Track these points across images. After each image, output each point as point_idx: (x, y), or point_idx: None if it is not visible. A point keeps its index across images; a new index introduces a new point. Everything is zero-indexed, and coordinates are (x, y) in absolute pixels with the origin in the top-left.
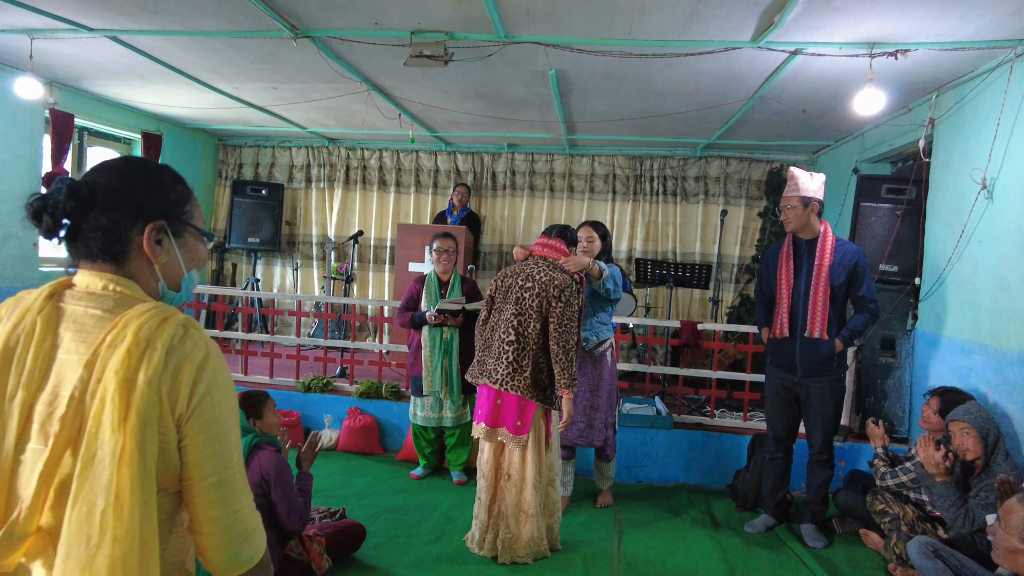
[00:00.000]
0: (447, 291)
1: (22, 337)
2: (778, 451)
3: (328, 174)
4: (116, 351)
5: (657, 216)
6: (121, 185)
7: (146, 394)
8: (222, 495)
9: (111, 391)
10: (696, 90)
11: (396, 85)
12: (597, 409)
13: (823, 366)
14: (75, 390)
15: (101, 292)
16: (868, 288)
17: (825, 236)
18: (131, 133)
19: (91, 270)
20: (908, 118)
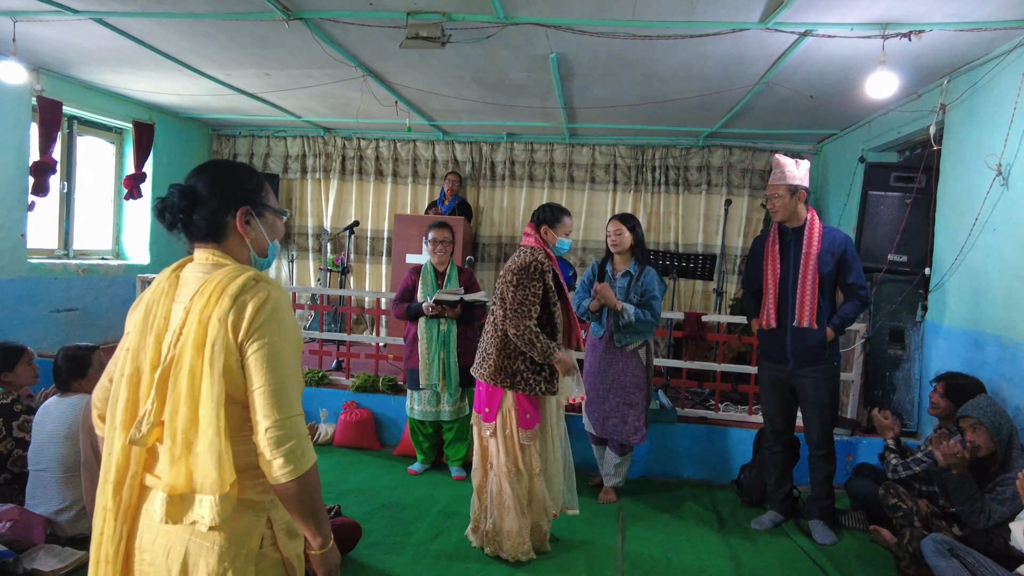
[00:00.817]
0: (443, 282)
1: (156, 297)
2: (777, 444)
3: (324, 164)
4: (202, 299)
5: (659, 206)
6: (214, 184)
7: (215, 327)
8: (273, 402)
9: (192, 325)
10: (701, 75)
11: (392, 70)
12: (631, 406)
13: (815, 356)
14: (177, 327)
15: (204, 262)
16: (857, 275)
17: (812, 224)
18: (122, 122)
19: (200, 248)
20: (917, 104)
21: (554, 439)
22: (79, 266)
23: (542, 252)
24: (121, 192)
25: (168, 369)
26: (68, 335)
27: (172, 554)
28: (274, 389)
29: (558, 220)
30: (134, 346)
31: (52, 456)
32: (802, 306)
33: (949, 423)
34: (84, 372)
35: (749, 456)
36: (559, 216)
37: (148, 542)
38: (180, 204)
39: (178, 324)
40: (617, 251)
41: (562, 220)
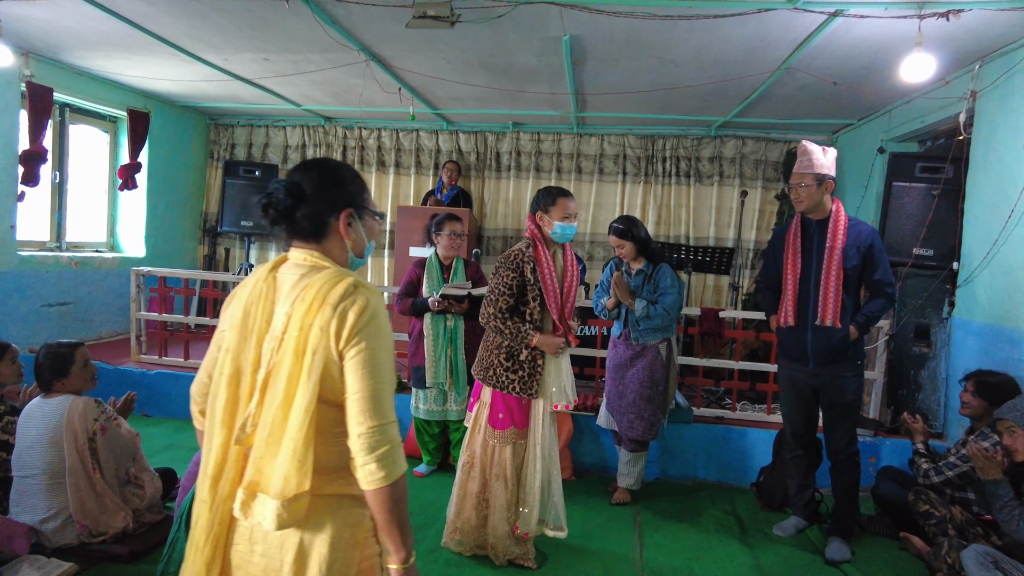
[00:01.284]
0: (450, 275)
1: (254, 299)
2: (798, 447)
3: (324, 155)
4: (303, 305)
5: (669, 198)
6: (321, 184)
7: (317, 335)
8: (368, 409)
9: (293, 332)
10: (719, 60)
11: (396, 55)
12: (649, 401)
13: (837, 355)
14: (279, 332)
15: (301, 263)
16: (884, 271)
17: (837, 216)
18: (116, 110)
19: (299, 248)
20: (945, 91)
21: (536, 450)
22: (72, 259)
23: (530, 242)
24: (116, 182)
25: (269, 374)
26: (60, 330)
27: (286, 544)
28: (370, 396)
29: (552, 203)
30: (234, 347)
31: (36, 462)
32: (825, 303)
33: (983, 424)
34: (66, 371)
35: (768, 458)
36: (553, 198)
37: (260, 535)
38: (286, 201)
39: (280, 329)
40: (628, 259)
41: (557, 202)
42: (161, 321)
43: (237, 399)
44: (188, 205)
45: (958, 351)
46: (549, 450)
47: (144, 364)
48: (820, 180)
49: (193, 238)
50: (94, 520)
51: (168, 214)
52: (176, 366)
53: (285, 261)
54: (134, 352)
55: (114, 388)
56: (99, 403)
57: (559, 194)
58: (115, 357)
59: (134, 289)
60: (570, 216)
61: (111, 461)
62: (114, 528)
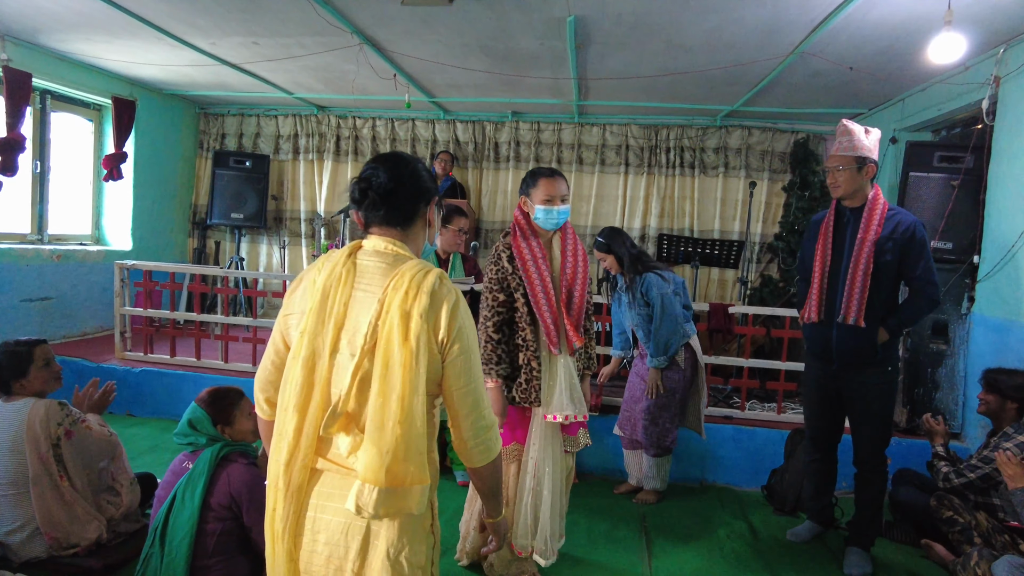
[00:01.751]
0: (447, 271)
1: (333, 282)
2: (816, 452)
3: (317, 144)
4: (398, 292)
5: (673, 190)
6: (414, 173)
7: (419, 323)
8: (474, 400)
9: (396, 320)
10: (730, 44)
11: (391, 38)
12: (663, 408)
13: (864, 358)
14: (372, 318)
15: (384, 251)
16: (926, 268)
17: (874, 204)
18: (100, 98)
19: (379, 235)
20: (965, 77)
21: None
22: (53, 252)
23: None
24: (101, 173)
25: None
26: (42, 326)
27: (351, 531)
28: (475, 388)
29: (534, 184)
30: (311, 330)
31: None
32: (849, 300)
33: (1005, 424)
34: (25, 371)
35: (780, 459)
36: (535, 179)
37: (323, 523)
38: (388, 185)
39: (373, 316)
40: (613, 272)
41: (538, 183)
42: (147, 317)
43: (312, 383)
44: (177, 197)
45: (977, 348)
46: (541, 465)
47: (129, 361)
48: (861, 164)
49: (182, 231)
50: (64, 531)
51: (156, 206)
52: (162, 363)
53: (360, 249)
54: (118, 349)
55: None
56: (63, 405)
57: (541, 174)
58: (99, 354)
59: (118, 283)
60: (554, 199)
61: (81, 467)
62: (86, 539)
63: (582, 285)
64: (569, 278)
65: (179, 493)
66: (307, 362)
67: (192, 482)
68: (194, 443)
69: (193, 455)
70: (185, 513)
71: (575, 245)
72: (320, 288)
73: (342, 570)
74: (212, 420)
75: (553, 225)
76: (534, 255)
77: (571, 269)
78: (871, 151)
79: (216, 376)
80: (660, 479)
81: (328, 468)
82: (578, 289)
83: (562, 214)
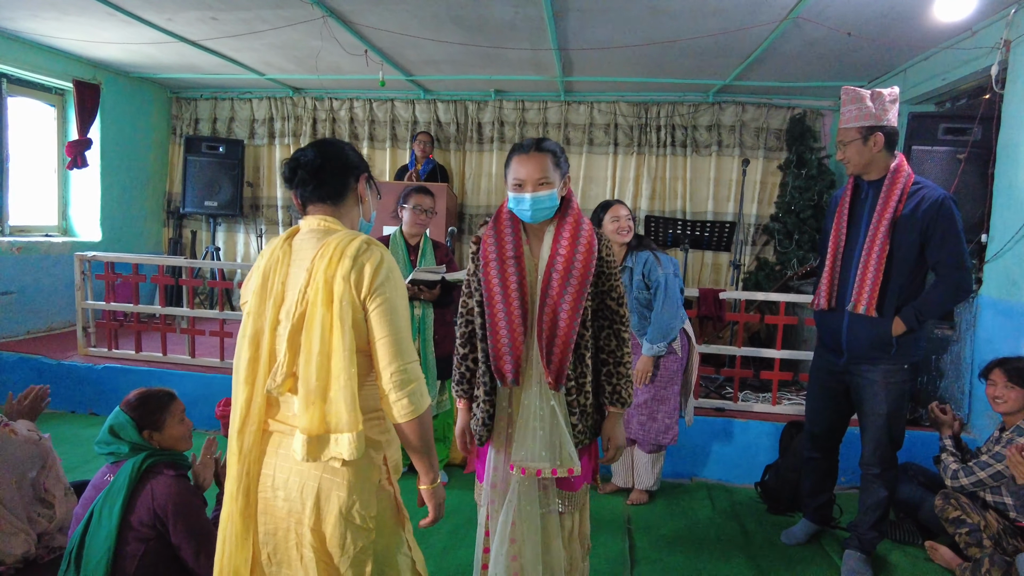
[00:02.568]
0: (417, 258)
1: (272, 264)
2: (815, 450)
3: (293, 128)
4: (324, 260)
5: (664, 170)
6: (342, 151)
7: (340, 285)
8: (394, 351)
9: (320, 284)
10: (719, 10)
11: (355, 9)
12: (661, 402)
13: (876, 350)
14: (301, 287)
15: (316, 228)
16: (952, 248)
17: (895, 177)
18: (62, 82)
19: (314, 214)
20: (970, 43)
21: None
22: (13, 244)
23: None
24: (64, 161)
25: (299, 326)
26: (3, 322)
27: (306, 490)
28: (395, 339)
29: (507, 164)
30: (254, 310)
31: None
32: (860, 286)
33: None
34: None
35: (774, 454)
36: (509, 156)
37: (281, 481)
38: (315, 161)
39: (302, 284)
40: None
41: (509, 161)
42: (108, 311)
43: (258, 358)
44: (150, 185)
45: (985, 334)
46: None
47: (92, 358)
48: (867, 134)
49: (156, 220)
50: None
51: (126, 195)
52: (127, 359)
53: (298, 232)
54: (81, 345)
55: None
56: None
57: (514, 151)
58: (62, 350)
59: (78, 276)
60: (524, 183)
61: (6, 475)
62: (11, 556)
63: (573, 302)
64: (555, 292)
65: (96, 510)
66: (253, 339)
67: (111, 498)
68: (116, 452)
69: (115, 466)
70: (102, 533)
71: (575, 245)
72: (261, 271)
73: (300, 523)
74: (137, 426)
75: (528, 218)
76: (502, 253)
77: (559, 279)
78: (880, 116)
79: (183, 372)
80: (655, 477)
81: (280, 429)
82: (566, 308)
83: (538, 203)
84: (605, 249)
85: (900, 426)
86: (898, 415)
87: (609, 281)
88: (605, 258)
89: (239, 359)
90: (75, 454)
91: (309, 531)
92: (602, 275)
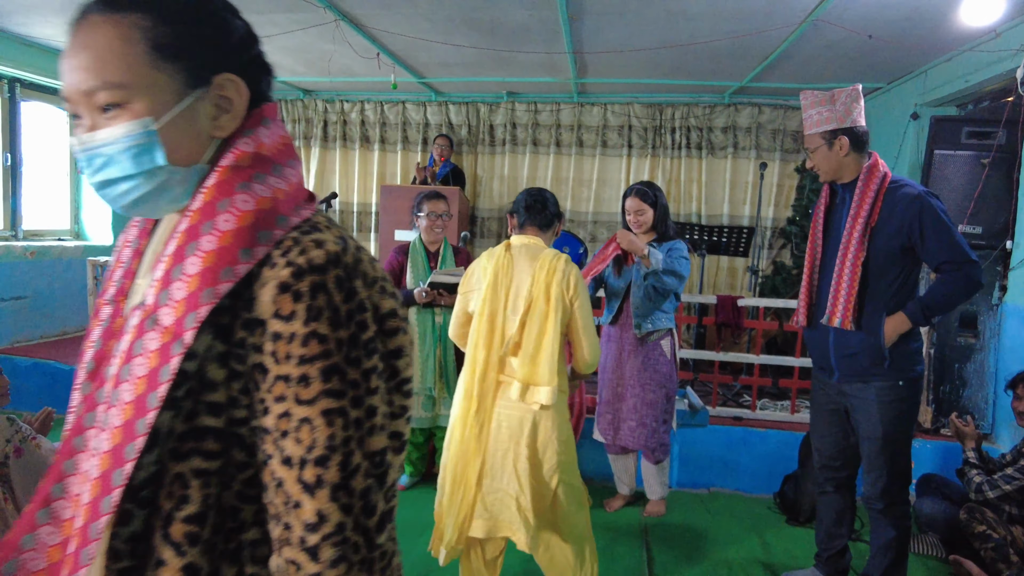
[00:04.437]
0: (437, 263)
1: (500, 267)
2: (827, 484)
3: (304, 130)
4: (542, 270)
5: (679, 173)
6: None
7: (556, 287)
8: (588, 332)
9: (541, 287)
10: (737, 12)
11: (368, 13)
12: (650, 406)
13: (865, 367)
14: (528, 288)
15: (528, 244)
16: (947, 245)
17: (869, 177)
18: None
19: (527, 234)
20: (994, 45)
21: None
22: (26, 248)
23: None
24: (76, 164)
25: (527, 312)
26: (16, 326)
27: (524, 421)
28: (586, 325)
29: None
30: (490, 298)
31: None
32: (835, 298)
33: None
34: None
35: (793, 464)
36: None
37: (505, 416)
38: (546, 204)
39: (528, 284)
40: (640, 231)
41: None
42: None
43: (492, 330)
44: None
45: (1010, 342)
46: None
47: None
48: (831, 138)
49: None
50: None
51: None
52: None
53: (510, 244)
54: None
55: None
56: (12, 421)
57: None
58: (75, 355)
59: (91, 281)
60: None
61: (29, 488)
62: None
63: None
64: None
65: None
66: (489, 318)
67: None
68: None
69: None
70: None
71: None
72: (492, 271)
73: (519, 444)
74: None
75: None
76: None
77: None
78: (844, 119)
79: None
80: (664, 485)
81: (506, 380)
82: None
83: None
84: None
85: (903, 453)
86: (897, 439)
87: None
88: None
89: (477, 332)
90: None
91: (525, 448)
92: None
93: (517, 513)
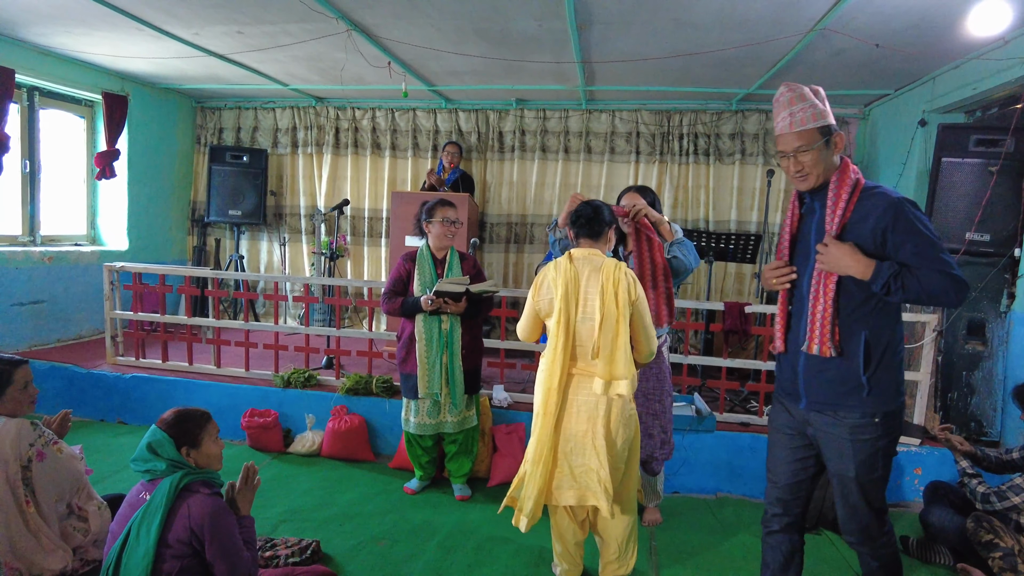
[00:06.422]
0: (444, 270)
1: (570, 278)
2: (774, 520)
3: (316, 137)
4: (608, 280)
5: (687, 179)
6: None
7: (620, 294)
8: (646, 328)
9: (611, 295)
10: (744, 21)
11: (380, 23)
12: (655, 416)
13: (841, 395)
14: (599, 296)
15: (587, 256)
16: (927, 253)
17: (841, 183)
18: (91, 94)
19: (586, 246)
20: (1002, 53)
21: None
22: (44, 254)
23: None
24: (93, 171)
25: (603, 322)
26: (34, 330)
27: (600, 406)
28: (647, 324)
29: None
30: (563, 305)
31: None
32: (812, 322)
33: None
34: (2, 392)
35: None
36: None
37: (582, 402)
38: (588, 217)
39: (598, 291)
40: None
41: None
42: (136, 320)
43: (567, 333)
44: (175, 194)
45: (1019, 349)
46: None
47: (120, 367)
48: (828, 134)
49: (181, 229)
50: (27, 562)
51: (152, 204)
52: (154, 368)
53: (572, 256)
54: (109, 354)
55: (87, 394)
56: (35, 425)
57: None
58: (90, 359)
59: (107, 286)
60: None
61: (50, 491)
62: (51, 570)
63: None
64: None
65: (134, 528)
66: (564, 324)
67: (148, 516)
68: (152, 470)
69: (151, 484)
70: (140, 551)
71: None
72: (562, 283)
73: (596, 424)
74: (176, 443)
75: None
76: None
77: None
78: (828, 115)
79: (208, 381)
80: (660, 493)
81: (579, 373)
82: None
83: None
84: None
85: (877, 493)
86: (871, 480)
87: None
88: None
89: (555, 335)
90: (106, 464)
91: (602, 427)
92: None
93: (598, 485)
